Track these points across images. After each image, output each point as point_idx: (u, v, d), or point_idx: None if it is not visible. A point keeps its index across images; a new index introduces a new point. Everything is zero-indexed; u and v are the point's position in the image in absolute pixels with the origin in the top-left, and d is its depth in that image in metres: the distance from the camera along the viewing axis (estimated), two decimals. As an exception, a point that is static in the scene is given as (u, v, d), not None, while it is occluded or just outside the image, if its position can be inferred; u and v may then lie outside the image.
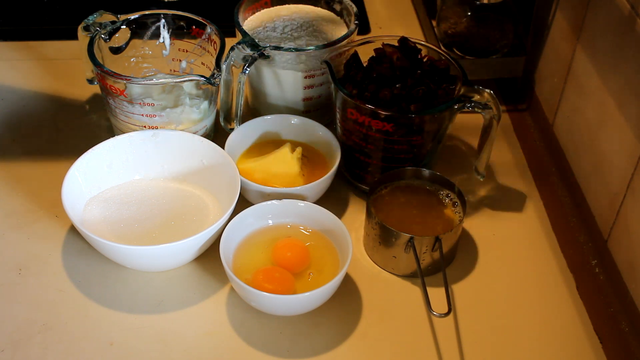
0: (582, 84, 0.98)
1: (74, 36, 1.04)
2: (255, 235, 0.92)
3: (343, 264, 0.86)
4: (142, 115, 0.99)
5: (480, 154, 0.98)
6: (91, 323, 0.86)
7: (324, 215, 0.91)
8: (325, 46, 1.01)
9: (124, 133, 0.99)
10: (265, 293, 0.82)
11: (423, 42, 1.02)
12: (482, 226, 0.99)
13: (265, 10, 1.12)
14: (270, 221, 0.93)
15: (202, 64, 1.07)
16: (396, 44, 1.00)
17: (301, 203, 0.92)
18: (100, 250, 0.88)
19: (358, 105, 0.93)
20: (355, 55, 1.00)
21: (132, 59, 1.08)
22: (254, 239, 0.91)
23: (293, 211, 0.93)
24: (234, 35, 1.05)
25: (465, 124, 1.10)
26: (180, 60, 1.09)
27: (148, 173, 0.98)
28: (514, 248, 0.97)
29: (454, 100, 0.94)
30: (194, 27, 1.06)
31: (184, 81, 0.98)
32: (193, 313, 0.87)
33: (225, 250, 0.87)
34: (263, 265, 0.88)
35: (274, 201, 0.92)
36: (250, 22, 1.09)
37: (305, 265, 0.89)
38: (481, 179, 1.01)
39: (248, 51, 1.00)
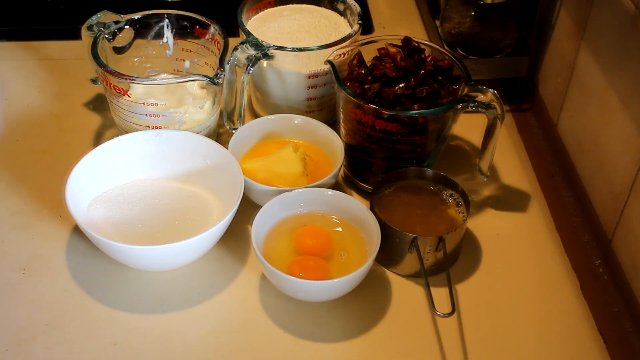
0: (585, 84, 0.98)
1: (77, 36, 1.04)
2: (280, 225, 0.93)
3: (372, 250, 0.87)
4: (146, 115, 0.99)
5: (484, 154, 0.98)
6: (95, 323, 0.86)
7: (352, 203, 0.92)
8: (328, 46, 1.01)
9: (127, 133, 0.99)
10: (306, 280, 0.84)
11: (426, 42, 1.02)
12: (485, 226, 0.99)
13: (269, 10, 1.12)
14: (294, 210, 0.93)
15: (206, 63, 1.07)
16: (399, 44, 0.99)
17: (329, 192, 0.93)
18: (103, 250, 0.88)
19: (361, 105, 0.93)
20: (359, 54, 1.00)
21: (135, 59, 1.08)
22: (278, 229, 0.92)
23: (319, 200, 0.93)
24: (237, 35, 1.05)
25: (469, 123, 1.09)
26: (183, 60, 1.09)
27: (151, 173, 0.98)
28: (518, 248, 0.97)
29: (458, 100, 0.94)
30: (197, 27, 1.06)
31: (187, 81, 0.98)
32: (196, 313, 0.88)
33: (257, 239, 0.88)
34: (290, 253, 0.90)
35: (298, 189, 0.92)
36: (254, 22, 1.09)
37: (330, 248, 0.90)
38: (485, 179, 1.01)
39: (251, 51, 1.00)
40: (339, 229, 0.93)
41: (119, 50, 1.06)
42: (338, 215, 0.94)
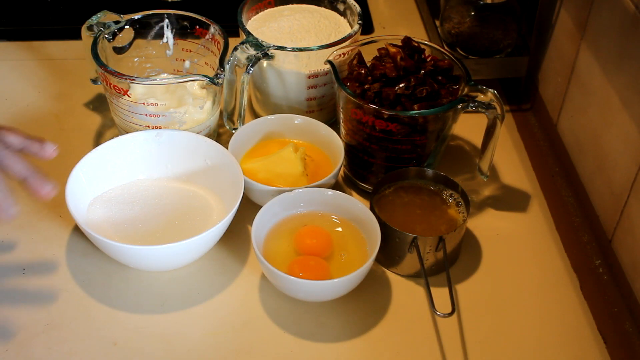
0: (586, 84, 0.98)
1: (77, 36, 1.04)
2: (280, 225, 0.92)
3: (372, 250, 0.87)
4: (146, 115, 0.99)
5: (484, 154, 0.98)
6: (95, 323, 0.86)
7: (352, 203, 0.92)
8: (328, 46, 1.01)
9: (127, 133, 0.99)
10: (307, 280, 0.83)
11: (426, 42, 1.02)
12: (485, 226, 0.99)
13: (269, 10, 1.12)
14: (294, 210, 0.93)
15: (206, 63, 1.07)
16: (400, 44, 0.99)
17: (329, 192, 0.93)
18: (103, 250, 0.88)
19: (361, 105, 0.93)
20: (359, 54, 1.00)
21: (135, 59, 1.08)
22: (278, 229, 0.92)
23: (319, 199, 0.93)
24: (237, 35, 1.05)
25: (469, 123, 1.10)
26: (183, 60, 1.09)
27: (152, 173, 0.98)
28: (518, 248, 0.97)
29: (458, 100, 0.94)
30: (197, 27, 1.06)
31: (188, 81, 0.98)
32: (196, 313, 0.88)
33: (257, 239, 0.88)
34: (290, 253, 0.90)
35: (298, 189, 0.92)
36: (254, 22, 1.10)
37: (330, 248, 0.90)
38: (485, 179, 1.01)
39: (251, 51, 1.00)
40: (339, 229, 0.93)
41: (119, 50, 1.06)
42: (338, 215, 0.94)
